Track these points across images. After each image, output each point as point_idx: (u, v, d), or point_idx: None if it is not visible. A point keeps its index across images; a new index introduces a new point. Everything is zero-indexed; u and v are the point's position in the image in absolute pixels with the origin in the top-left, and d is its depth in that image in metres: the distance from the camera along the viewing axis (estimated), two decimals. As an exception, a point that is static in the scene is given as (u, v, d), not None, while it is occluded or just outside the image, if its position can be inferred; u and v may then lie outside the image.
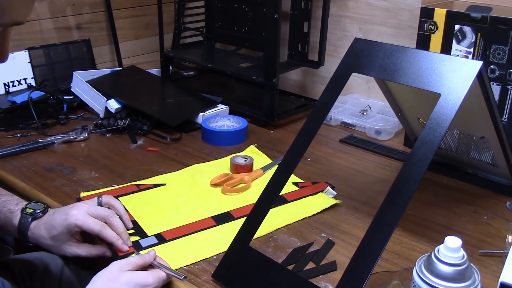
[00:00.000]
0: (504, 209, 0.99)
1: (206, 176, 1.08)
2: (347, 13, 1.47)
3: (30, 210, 0.86)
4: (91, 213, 0.83)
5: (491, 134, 0.94)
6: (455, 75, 0.74)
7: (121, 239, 0.82)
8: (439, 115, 0.72)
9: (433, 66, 0.77)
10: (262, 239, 0.89)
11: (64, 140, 1.24)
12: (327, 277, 0.79)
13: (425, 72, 0.77)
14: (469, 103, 0.79)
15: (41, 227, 0.84)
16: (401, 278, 0.75)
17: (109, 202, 0.88)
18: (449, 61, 0.76)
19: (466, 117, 0.95)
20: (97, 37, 1.65)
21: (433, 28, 1.11)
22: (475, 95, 0.82)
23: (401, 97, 1.06)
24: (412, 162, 0.71)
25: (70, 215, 0.81)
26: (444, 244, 0.63)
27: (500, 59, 1.03)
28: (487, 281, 0.77)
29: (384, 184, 1.08)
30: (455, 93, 0.72)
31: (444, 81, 0.74)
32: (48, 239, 0.84)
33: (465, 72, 0.73)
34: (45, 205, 0.87)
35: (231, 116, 1.34)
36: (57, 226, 0.82)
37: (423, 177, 0.69)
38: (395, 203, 0.70)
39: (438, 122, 0.71)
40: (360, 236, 0.90)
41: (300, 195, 1.01)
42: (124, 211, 0.89)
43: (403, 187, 0.70)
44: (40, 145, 1.20)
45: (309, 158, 1.19)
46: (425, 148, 0.71)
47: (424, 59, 0.78)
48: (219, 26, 1.63)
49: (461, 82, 0.73)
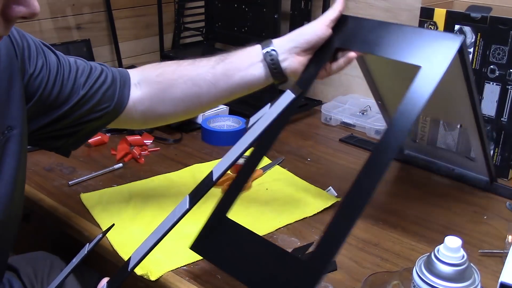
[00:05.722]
0: (504, 209, 0.99)
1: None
2: (347, 13, 1.46)
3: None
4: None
5: (470, 122, 0.94)
6: (436, 49, 0.73)
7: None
8: (419, 87, 0.71)
9: (414, 40, 0.76)
10: (262, 239, 0.89)
11: (64, 140, 1.24)
12: (327, 277, 0.79)
13: (406, 45, 0.77)
14: (448, 84, 0.81)
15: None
16: (401, 278, 0.75)
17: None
18: (431, 34, 0.77)
19: (445, 103, 0.95)
20: (97, 37, 1.65)
21: (433, 28, 1.11)
22: (454, 75, 0.81)
23: (382, 83, 1.05)
24: (391, 132, 0.70)
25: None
26: (444, 244, 0.63)
27: (500, 59, 1.03)
28: (487, 281, 0.77)
29: (384, 184, 1.08)
30: (436, 66, 0.71)
31: (425, 54, 0.74)
32: None
33: (446, 46, 0.73)
34: None
35: (231, 116, 1.34)
36: None
37: (401, 145, 0.67)
38: (371, 175, 0.68)
39: (418, 93, 0.70)
40: (360, 236, 0.90)
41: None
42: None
43: (381, 155, 0.69)
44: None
45: (309, 158, 1.19)
46: (404, 119, 0.70)
47: (406, 33, 0.78)
48: (219, 26, 1.63)
49: (442, 55, 0.72)
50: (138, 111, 0.89)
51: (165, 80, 0.88)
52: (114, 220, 0.92)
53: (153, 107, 0.89)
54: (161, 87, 0.88)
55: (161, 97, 0.88)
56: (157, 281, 0.79)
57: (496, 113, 1.07)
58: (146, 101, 0.88)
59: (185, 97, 0.87)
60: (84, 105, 0.83)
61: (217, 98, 0.88)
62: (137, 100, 0.88)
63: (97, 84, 0.84)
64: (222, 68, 0.86)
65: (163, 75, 0.88)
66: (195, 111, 0.94)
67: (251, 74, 0.85)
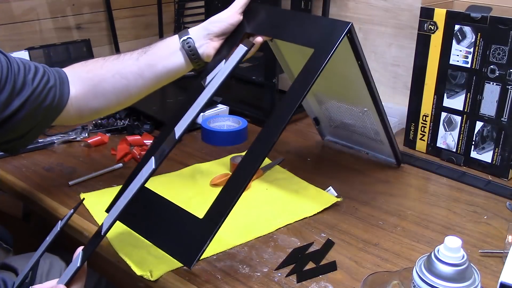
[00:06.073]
0: (504, 209, 0.99)
1: (206, 176, 1.08)
2: (347, 13, 1.47)
3: None
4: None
5: (370, 106, 1.02)
6: (327, 33, 0.83)
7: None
8: (310, 67, 0.81)
9: (310, 26, 0.87)
10: (262, 239, 0.89)
11: (64, 140, 1.24)
12: (327, 277, 0.79)
13: (304, 30, 0.88)
14: (346, 69, 0.95)
15: None
16: (400, 278, 0.75)
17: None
18: (323, 21, 0.94)
19: (347, 87, 1.05)
20: (97, 37, 1.65)
21: (433, 28, 1.11)
22: (350, 62, 0.92)
23: (293, 65, 1.12)
24: (284, 104, 0.80)
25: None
26: (444, 244, 0.63)
27: (500, 59, 1.03)
28: (487, 281, 0.77)
29: (384, 184, 1.08)
30: (325, 48, 0.81)
31: (317, 38, 0.84)
32: None
33: (336, 31, 0.83)
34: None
35: (231, 116, 1.34)
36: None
37: (290, 118, 0.77)
38: (264, 141, 0.79)
39: (309, 72, 0.80)
40: (360, 236, 0.90)
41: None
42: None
43: (270, 129, 0.79)
44: (40, 145, 1.20)
45: (309, 158, 1.19)
46: (294, 95, 0.80)
47: (304, 20, 0.90)
48: (219, 26, 1.63)
49: (331, 39, 0.82)
50: (74, 108, 0.93)
51: (95, 76, 0.94)
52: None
53: (87, 103, 0.94)
54: (92, 83, 0.94)
55: (94, 92, 0.93)
56: (157, 281, 0.79)
57: (496, 113, 1.07)
58: (80, 98, 0.93)
59: (115, 90, 0.94)
60: (34, 102, 0.87)
61: (146, 88, 0.95)
62: (72, 97, 0.93)
63: (43, 82, 0.88)
64: (146, 60, 0.93)
65: (92, 71, 0.95)
66: (126, 102, 0.99)
67: (172, 62, 0.93)
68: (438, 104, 1.16)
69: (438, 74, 1.14)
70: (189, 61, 0.93)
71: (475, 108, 1.10)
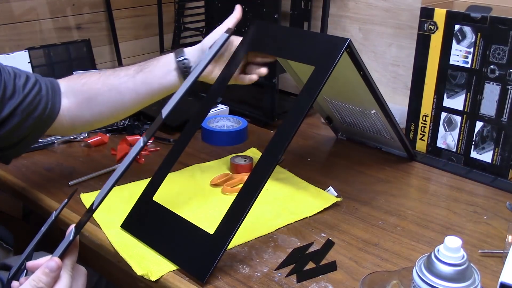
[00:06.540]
0: (504, 209, 0.99)
1: (206, 176, 1.08)
2: (347, 13, 1.47)
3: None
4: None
5: (377, 109, 1.04)
6: (326, 51, 0.85)
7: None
8: (312, 83, 0.83)
9: (310, 44, 0.89)
10: (262, 239, 0.89)
11: (64, 140, 1.24)
12: (327, 277, 0.79)
13: (304, 48, 0.90)
14: (351, 79, 0.96)
15: None
16: (400, 278, 0.75)
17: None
18: (321, 38, 0.95)
19: (355, 93, 1.06)
20: (97, 37, 1.65)
21: (433, 28, 1.11)
22: (352, 71, 0.93)
23: (304, 77, 1.12)
24: (291, 115, 0.83)
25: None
26: (444, 244, 0.63)
27: (500, 59, 1.03)
28: (487, 281, 0.77)
29: (385, 184, 1.08)
30: (325, 65, 0.83)
31: (317, 55, 0.86)
32: None
33: (334, 47, 0.84)
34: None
35: (231, 116, 1.34)
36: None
37: (298, 128, 0.81)
38: (272, 153, 0.81)
39: (311, 88, 0.83)
40: (360, 236, 0.90)
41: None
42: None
43: (279, 140, 0.81)
44: (40, 145, 1.20)
45: (309, 158, 1.19)
46: (300, 108, 0.82)
47: (304, 38, 0.92)
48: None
49: (331, 55, 0.84)
50: (67, 119, 0.95)
51: (90, 89, 0.96)
52: (114, 220, 0.92)
53: (81, 114, 0.96)
54: (87, 96, 0.95)
55: (88, 105, 0.95)
56: (157, 281, 0.79)
57: (496, 113, 1.07)
58: (73, 109, 0.95)
59: (110, 103, 0.96)
60: (25, 109, 0.88)
61: (140, 103, 0.99)
62: (65, 108, 0.94)
63: (34, 90, 0.90)
64: (142, 77, 0.96)
65: (87, 84, 0.96)
66: (119, 116, 1.01)
67: (168, 80, 0.96)
68: (438, 104, 1.16)
69: (438, 74, 1.14)
70: (183, 80, 0.94)
71: (475, 108, 1.10)
